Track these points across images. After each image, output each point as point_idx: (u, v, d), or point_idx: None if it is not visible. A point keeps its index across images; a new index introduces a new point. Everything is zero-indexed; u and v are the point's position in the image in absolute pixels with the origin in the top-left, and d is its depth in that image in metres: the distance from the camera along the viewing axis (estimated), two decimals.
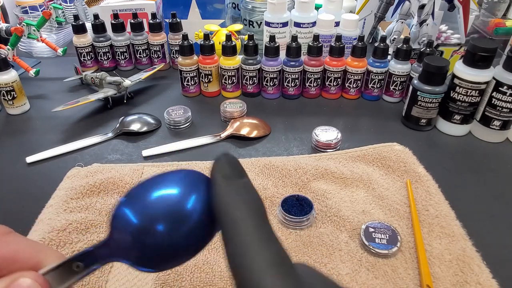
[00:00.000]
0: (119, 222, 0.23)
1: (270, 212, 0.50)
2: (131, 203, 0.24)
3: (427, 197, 0.52)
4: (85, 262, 0.22)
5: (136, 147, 0.65)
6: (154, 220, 0.22)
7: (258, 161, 0.59)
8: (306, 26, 0.81)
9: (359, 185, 0.55)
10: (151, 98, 0.80)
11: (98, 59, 0.90)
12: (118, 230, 0.23)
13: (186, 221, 0.22)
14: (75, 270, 0.21)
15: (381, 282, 0.42)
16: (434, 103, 0.66)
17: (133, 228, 0.22)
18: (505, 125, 0.64)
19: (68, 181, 0.55)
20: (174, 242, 0.22)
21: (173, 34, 0.86)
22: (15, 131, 0.70)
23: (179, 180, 0.23)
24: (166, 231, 0.22)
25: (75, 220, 0.48)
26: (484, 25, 1.04)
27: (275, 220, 0.49)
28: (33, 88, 0.83)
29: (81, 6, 1.11)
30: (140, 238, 0.22)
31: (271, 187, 0.54)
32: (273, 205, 0.51)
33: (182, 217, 0.22)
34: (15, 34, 0.79)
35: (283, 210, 0.48)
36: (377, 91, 0.78)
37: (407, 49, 0.72)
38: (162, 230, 0.22)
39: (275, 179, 0.55)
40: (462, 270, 0.43)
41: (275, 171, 0.56)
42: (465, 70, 0.63)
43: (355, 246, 0.46)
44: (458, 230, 0.47)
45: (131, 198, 0.24)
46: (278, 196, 0.52)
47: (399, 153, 0.60)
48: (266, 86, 0.78)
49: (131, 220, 0.23)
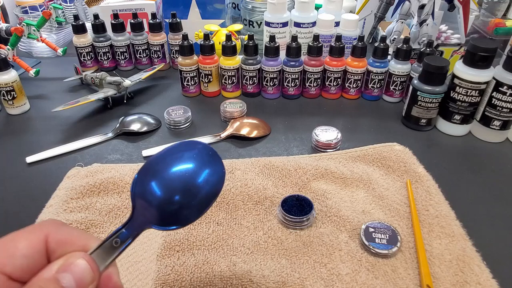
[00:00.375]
0: (142, 196, 0.28)
1: (270, 212, 0.50)
2: (152, 177, 0.28)
3: (427, 197, 0.52)
4: (121, 237, 0.26)
5: (136, 147, 0.65)
6: (174, 192, 0.28)
7: (258, 161, 0.59)
8: (306, 26, 0.81)
9: (359, 185, 0.55)
10: (151, 98, 0.80)
11: (98, 59, 0.90)
12: (142, 204, 0.27)
13: (201, 190, 0.29)
14: (114, 246, 0.26)
15: (381, 282, 0.42)
16: (434, 103, 0.66)
17: (157, 200, 0.28)
18: (505, 125, 0.64)
19: (68, 181, 0.55)
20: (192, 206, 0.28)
21: (173, 34, 0.86)
22: (15, 131, 0.70)
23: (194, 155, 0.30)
24: (185, 200, 0.28)
25: (75, 220, 0.48)
26: (484, 25, 1.04)
27: (275, 220, 0.49)
28: (33, 88, 0.83)
29: (81, 6, 1.11)
30: (163, 208, 0.28)
31: (271, 187, 0.54)
32: (273, 205, 0.51)
33: (197, 188, 0.29)
34: (15, 34, 0.79)
35: (283, 210, 0.48)
36: (377, 91, 0.78)
37: (407, 49, 0.72)
38: (181, 200, 0.28)
39: (275, 179, 0.55)
40: (462, 270, 0.43)
41: (275, 171, 0.56)
42: (465, 70, 0.63)
43: (355, 246, 0.46)
44: (458, 230, 0.47)
45: (150, 172, 0.29)
46: (278, 196, 0.52)
47: (399, 153, 0.60)
48: (266, 86, 0.78)
49: (154, 193, 0.28)
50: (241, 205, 0.51)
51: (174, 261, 0.43)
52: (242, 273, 0.42)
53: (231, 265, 0.43)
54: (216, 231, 0.48)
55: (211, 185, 0.30)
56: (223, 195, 0.52)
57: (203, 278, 0.42)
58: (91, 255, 0.24)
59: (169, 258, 0.44)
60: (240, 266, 0.43)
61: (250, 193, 0.52)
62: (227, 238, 0.47)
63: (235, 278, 0.42)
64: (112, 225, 0.49)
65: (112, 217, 0.50)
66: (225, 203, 0.51)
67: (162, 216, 0.28)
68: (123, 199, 0.52)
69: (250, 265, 0.43)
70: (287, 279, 0.42)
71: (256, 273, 0.42)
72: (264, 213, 0.50)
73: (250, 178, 0.55)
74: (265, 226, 0.48)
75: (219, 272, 0.42)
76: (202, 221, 0.49)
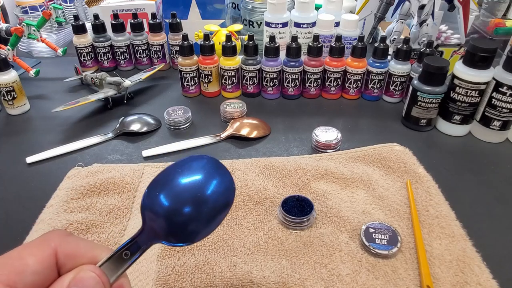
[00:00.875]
0: (151, 209, 0.27)
1: (270, 213, 0.50)
2: (160, 189, 0.28)
3: (427, 197, 0.52)
4: (131, 250, 0.26)
5: (136, 147, 0.65)
6: (183, 203, 0.28)
7: (258, 161, 0.59)
8: (306, 26, 0.81)
9: (359, 185, 0.55)
10: (151, 98, 0.80)
11: (98, 59, 0.90)
12: (151, 216, 0.27)
13: (209, 201, 0.28)
14: (124, 258, 0.26)
15: (382, 283, 0.42)
16: (434, 103, 0.66)
17: (165, 212, 0.27)
18: (505, 125, 0.64)
19: (68, 181, 0.55)
20: (201, 219, 0.28)
21: (173, 34, 0.86)
22: (15, 131, 0.70)
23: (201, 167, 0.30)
24: (194, 211, 0.28)
25: (75, 220, 0.48)
26: (484, 25, 1.04)
27: (276, 221, 0.49)
28: (33, 88, 0.83)
29: (81, 6, 1.11)
30: (172, 220, 0.27)
31: (271, 188, 0.54)
32: (273, 206, 0.51)
33: (206, 199, 0.28)
34: (15, 34, 0.79)
35: (284, 210, 0.48)
36: (377, 92, 0.78)
37: (407, 49, 0.72)
38: (190, 211, 0.28)
39: (275, 180, 0.55)
40: (462, 270, 0.43)
41: (275, 172, 0.56)
42: (465, 70, 0.63)
43: (355, 246, 0.46)
44: (458, 230, 0.47)
45: (159, 185, 0.28)
46: (278, 196, 0.52)
47: (399, 153, 0.60)
48: (266, 87, 0.78)
49: (162, 205, 0.27)
50: (241, 206, 0.51)
51: (174, 262, 0.43)
52: (242, 274, 0.42)
53: (231, 266, 0.43)
54: (217, 231, 0.48)
55: (220, 196, 0.29)
56: None
57: (204, 279, 0.42)
58: (101, 268, 0.24)
59: (170, 258, 0.44)
60: (241, 267, 0.43)
61: (250, 194, 0.52)
62: (227, 239, 0.47)
63: (236, 278, 0.42)
64: (113, 225, 0.49)
65: (113, 217, 0.50)
66: None
67: (171, 229, 0.27)
68: (124, 199, 0.52)
69: (251, 266, 0.43)
70: (288, 280, 0.42)
71: (256, 274, 0.42)
72: (265, 213, 0.50)
73: (250, 179, 0.55)
74: (265, 227, 0.48)
75: (220, 273, 0.42)
76: None
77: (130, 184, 0.54)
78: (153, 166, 0.58)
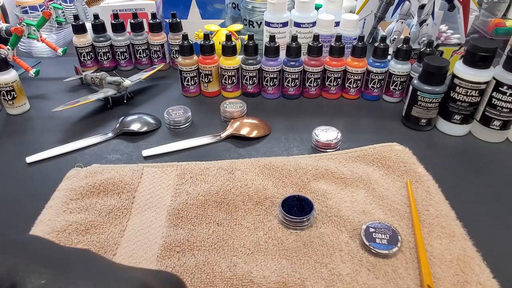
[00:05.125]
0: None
1: (270, 213, 0.50)
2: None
3: (427, 197, 0.52)
4: None
5: (136, 147, 0.65)
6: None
7: (258, 161, 0.59)
8: (306, 26, 0.81)
9: (359, 185, 0.55)
10: (151, 98, 0.80)
11: (98, 59, 0.90)
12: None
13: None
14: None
15: (382, 282, 0.42)
16: (434, 103, 0.66)
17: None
18: (505, 125, 0.64)
19: (67, 182, 0.55)
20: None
21: (173, 34, 0.86)
22: (15, 131, 0.70)
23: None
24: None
25: (75, 221, 0.48)
26: (484, 25, 1.04)
27: (276, 221, 0.49)
28: (33, 88, 0.83)
29: (81, 6, 1.11)
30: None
31: (271, 187, 0.54)
32: (273, 206, 0.51)
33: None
34: (15, 34, 0.79)
35: (284, 210, 0.48)
36: (377, 91, 0.78)
37: (407, 49, 0.72)
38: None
39: (275, 179, 0.55)
40: (462, 270, 0.43)
41: (275, 171, 0.56)
42: (465, 70, 0.63)
43: (355, 246, 0.46)
44: (458, 230, 0.47)
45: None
46: (278, 196, 0.52)
47: (399, 153, 0.60)
48: (266, 86, 0.78)
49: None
50: (241, 206, 0.51)
51: (174, 262, 0.43)
52: (242, 274, 0.42)
53: (231, 266, 0.43)
54: (216, 231, 0.48)
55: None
56: (224, 195, 0.52)
57: (204, 279, 0.42)
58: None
59: (170, 259, 0.44)
60: (241, 267, 0.43)
61: (250, 194, 0.52)
62: (227, 239, 0.47)
63: (236, 278, 0.42)
64: (112, 226, 0.48)
65: (112, 218, 0.49)
66: (225, 203, 0.51)
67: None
68: (123, 200, 0.52)
69: (251, 266, 0.43)
70: (288, 280, 0.42)
71: (256, 274, 0.42)
72: (265, 213, 0.50)
73: (250, 179, 0.55)
74: (265, 227, 0.48)
75: (220, 273, 0.42)
76: (202, 221, 0.49)
77: (130, 185, 0.54)
78: (152, 166, 0.58)
